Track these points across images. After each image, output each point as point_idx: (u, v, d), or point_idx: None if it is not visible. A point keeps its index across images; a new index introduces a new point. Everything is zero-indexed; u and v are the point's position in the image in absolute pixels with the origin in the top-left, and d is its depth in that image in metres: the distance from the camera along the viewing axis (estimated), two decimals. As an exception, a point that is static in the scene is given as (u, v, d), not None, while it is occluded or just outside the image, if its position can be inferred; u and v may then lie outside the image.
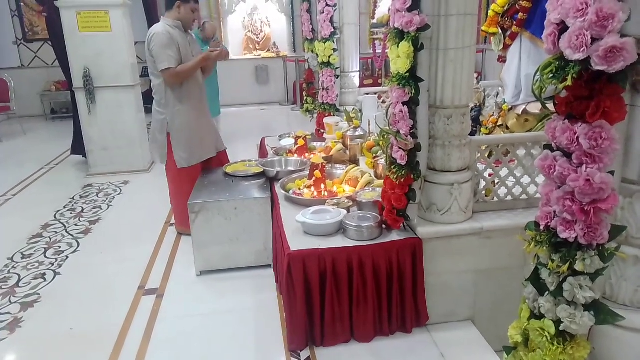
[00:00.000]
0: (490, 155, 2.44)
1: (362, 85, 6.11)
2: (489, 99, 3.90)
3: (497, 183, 2.47)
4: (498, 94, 3.81)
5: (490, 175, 2.45)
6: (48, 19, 5.49)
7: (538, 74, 1.19)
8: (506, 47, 3.22)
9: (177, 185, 3.53)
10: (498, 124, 3.32)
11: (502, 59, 3.37)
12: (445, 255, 2.33)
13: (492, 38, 3.31)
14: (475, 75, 4.47)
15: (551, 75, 1.16)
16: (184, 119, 3.39)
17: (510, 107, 3.22)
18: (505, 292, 2.36)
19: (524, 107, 3.08)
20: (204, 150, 3.58)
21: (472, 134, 3.37)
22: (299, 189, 2.96)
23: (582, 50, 1.08)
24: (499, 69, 3.69)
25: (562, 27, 1.14)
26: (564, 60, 1.14)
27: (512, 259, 2.32)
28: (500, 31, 3.22)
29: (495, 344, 2.21)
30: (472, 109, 3.50)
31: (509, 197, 2.47)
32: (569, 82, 1.12)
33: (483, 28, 3.32)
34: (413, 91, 2.11)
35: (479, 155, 2.38)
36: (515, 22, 3.05)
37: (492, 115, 3.42)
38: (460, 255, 2.34)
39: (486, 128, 3.36)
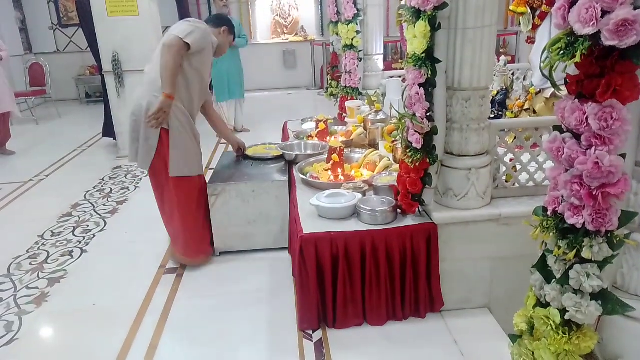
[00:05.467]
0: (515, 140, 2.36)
1: (390, 68, 6.01)
2: (517, 83, 3.76)
3: (520, 169, 2.39)
4: (526, 77, 3.67)
5: (510, 160, 2.37)
6: (78, 4, 5.60)
7: (546, 51, 1.13)
8: (535, 27, 3.09)
9: (188, 199, 2.88)
10: (525, 107, 3.20)
11: (531, 40, 3.24)
12: (461, 241, 2.28)
13: (520, 18, 3.18)
14: (509, 58, 4.32)
15: (561, 52, 1.09)
16: (184, 118, 2.80)
17: (538, 90, 3.10)
18: (523, 280, 2.25)
19: (552, 90, 2.96)
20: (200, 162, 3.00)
21: (499, 117, 3.27)
22: (317, 172, 2.95)
23: (591, 24, 1.01)
24: (529, 51, 3.55)
25: (573, 0, 1.08)
26: (573, 35, 1.07)
27: (532, 246, 2.22)
28: (529, 11, 3.09)
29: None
30: (498, 92, 3.38)
31: (531, 183, 2.39)
32: (577, 59, 1.05)
33: (511, 7, 3.19)
34: (429, 72, 2.05)
35: (499, 139, 2.30)
36: (545, 1, 2.92)
37: (519, 98, 3.31)
38: (477, 242, 2.29)
39: (512, 112, 3.25)
